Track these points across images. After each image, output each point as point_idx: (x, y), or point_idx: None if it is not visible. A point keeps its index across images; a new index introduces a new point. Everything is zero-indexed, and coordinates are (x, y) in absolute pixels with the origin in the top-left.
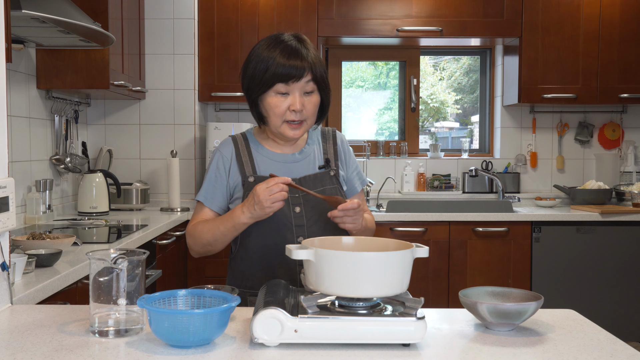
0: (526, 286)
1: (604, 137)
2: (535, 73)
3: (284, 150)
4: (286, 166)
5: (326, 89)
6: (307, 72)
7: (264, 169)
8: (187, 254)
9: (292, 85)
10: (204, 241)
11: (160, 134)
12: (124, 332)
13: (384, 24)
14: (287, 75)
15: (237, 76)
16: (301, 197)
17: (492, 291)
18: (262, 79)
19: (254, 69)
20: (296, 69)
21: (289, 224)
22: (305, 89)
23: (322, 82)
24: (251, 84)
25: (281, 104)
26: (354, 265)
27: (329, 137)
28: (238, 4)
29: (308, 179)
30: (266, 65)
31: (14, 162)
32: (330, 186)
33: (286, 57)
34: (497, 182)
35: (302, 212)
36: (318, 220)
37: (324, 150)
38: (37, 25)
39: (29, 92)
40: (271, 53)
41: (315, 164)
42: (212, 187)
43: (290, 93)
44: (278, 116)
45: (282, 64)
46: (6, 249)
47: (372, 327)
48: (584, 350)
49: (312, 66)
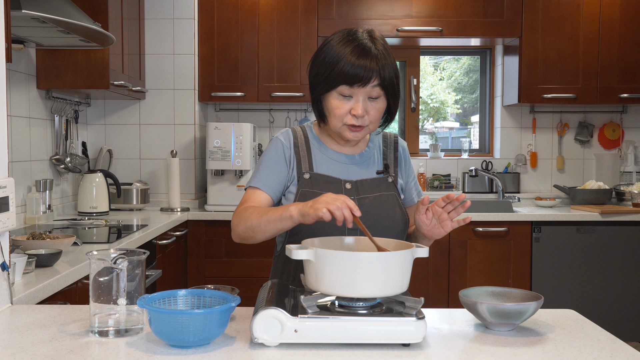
0: (526, 286)
1: (604, 137)
2: (535, 73)
3: (343, 150)
4: (344, 167)
5: (394, 95)
6: (375, 77)
7: (322, 167)
8: (187, 254)
9: (356, 89)
10: (249, 224)
11: (160, 134)
12: (124, 332)
13: (384, 24)
14: (353, 78)
15: (237, 76)
16: (356, 200)
17: (492, 291)
18: (328, 77)
19: (320, 64)
20: (364, 71)
21: (342, 227)
22: (370, 94)
23: (391, 87)
24: (315, 80)
25: (343, 107)
26: (354, 265)
27: (391, 143)
28: (238, 4)
29: (365, 183)
30: (335, 62)
31: (14, 162)
32: (387, 192)
33: (356, 57)
34: (497, 182)
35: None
36: (372, 227)
37: (384, 155)
38: (37, 25)
39: (29, 92)
40: (342, 50)
41: (374, 168)
42: (269, 172)
43: (354, 97)
44: (338, 118)
45: (350, 64)
46: (6, 249)
47: (372, 327)
48: (584, 350)
49: (381, 70)
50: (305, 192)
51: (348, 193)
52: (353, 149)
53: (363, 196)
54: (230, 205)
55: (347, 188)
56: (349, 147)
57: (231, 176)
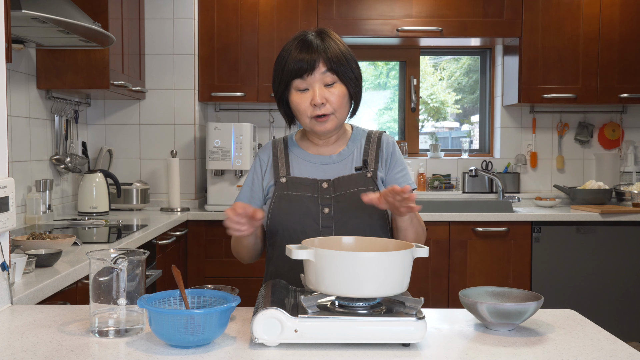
0: (526, 286)
1: (604, 137)
2: (535, 73)
3: (321, 152)
4: (321, 167)
5: (350, 78)
6: (320, 63)
7: (298, 170)
8: (187, 254)
9: (308, 79)
10: (233, 248)
11: (160, 134)
12: (124, 332)
13: (384, 24)
14: (299, 70)
15: (237, 76)
16: (332, 197)
17: (492, 291)
18: (281, 76)
19: (275, 69)
20: (307, 62)
21: (316, 226)
22: (324, 80)
23: (342, 71)
24: (274, 84)
25: (303, 101)
26: (354, 265)
27: (374, 140)
28: (238, 4)
29: (342, 180)
30: (284, 61)
31: (14, 162)
32: (364, 188)
33: (298, 52)
34: (497, 182)
35: (330, 214)
36: (347, 222)
37: (365, 152)
38: (37, 25)
39: (29, 92)
40: (287, 50)
41: (352, 166)
42: (249, 190)
43: (310, 88)
44: (303, 113)
45: (293, 59)
46: (6, 249)
47: (372, 327)
48: (584, 350)
49: (325, 55)
50: (281, 195)
51: (324, 192)
52: (332, 149)
53: (339, 193)
54: (230, 205)
55: (323, 187)
56: (327, 148)
57: (231, 176)
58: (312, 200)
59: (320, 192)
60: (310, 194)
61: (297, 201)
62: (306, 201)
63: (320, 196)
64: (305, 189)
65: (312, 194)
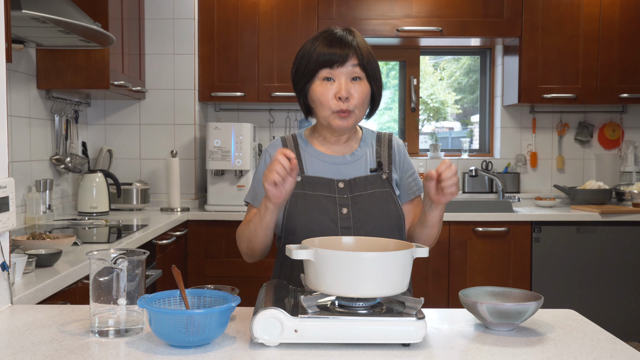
0: (526, 286)
1: (604, 137)
2: (535, 73)
3: (334, 152)
4: (336, 167)
5: (376, 79)
6: (352, 56)
7: (313, 169)
8: (187, 254)
9: (337, 69)
10: (245, 238)
11: (160, 134)
12: (124, 332)
13: (384, 24)
14: (331, 58)
15: (237, 76)
16: (349, 198)
17: (492, 291)
18: (308, 65)
19: (299, 61)
20: (339, 54)
21: (334, 226)
22: (352, 74)
23: (371, 69)
24: (297, 73)
25: (327, 92)
26: (354, 265)
27: (385, 141)
28: (238, 4)
29: (358, 181)
30: (312, 51)
31: (14, 162)
32: (381, 189)
33: (329, 44)
34: (497, 182)
35: (349, 214)
36: (366, 223)
37: (377, 153)
38: (37, 25)
39: (29, 92)
40: (315, 43)
41: (367, 166)
42: (259, 185)
43: (336, 79)
44: (325, 106)
45: (323, 51)
46: (6, 249)
47: (372, 327)
48: (584, 350)
49: (358, 51)
50: (297, 194)
51: (341, 192)
52: (344, 149)
53: (357, 194)
54: (230, 205)
55: (340, 187)
56: (340, 147)
57: (231, 176)
58: (329, 200)
59: (337, 192)
60: (327, 194)
61: (314, 200)
62: (324, 201)
63: (337, 196)
64: (321, 189)
65: (329, 193)
